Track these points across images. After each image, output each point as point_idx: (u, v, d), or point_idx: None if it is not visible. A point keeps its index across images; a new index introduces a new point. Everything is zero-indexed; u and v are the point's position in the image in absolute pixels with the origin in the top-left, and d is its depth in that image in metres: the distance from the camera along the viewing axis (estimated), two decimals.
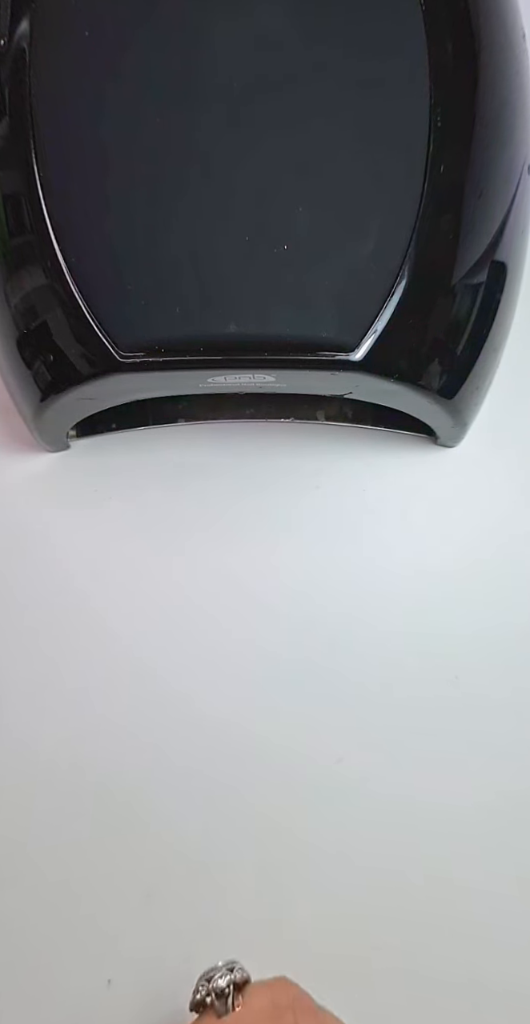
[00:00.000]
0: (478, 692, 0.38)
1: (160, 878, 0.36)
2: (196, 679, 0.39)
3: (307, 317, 0.32)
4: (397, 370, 0.33)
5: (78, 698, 0.39)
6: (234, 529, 0.41)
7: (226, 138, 0.33)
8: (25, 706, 0.39)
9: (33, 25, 0.33)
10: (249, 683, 0.39)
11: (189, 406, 0.41)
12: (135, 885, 0.36)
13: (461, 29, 0.34)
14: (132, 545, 0.41)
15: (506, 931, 0.35)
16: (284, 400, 0.41)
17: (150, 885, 0.36)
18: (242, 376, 0.34)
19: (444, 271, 0.34)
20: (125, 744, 0.38)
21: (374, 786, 0.37)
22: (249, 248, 0.32)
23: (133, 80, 0.33)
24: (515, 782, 0.37)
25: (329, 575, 0.40)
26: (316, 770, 0.37)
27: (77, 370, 0.34)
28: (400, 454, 0.41)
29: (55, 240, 0.33)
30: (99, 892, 0.36)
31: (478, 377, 0.36)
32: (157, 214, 0.32)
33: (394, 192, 0.33)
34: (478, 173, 0.34)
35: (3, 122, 0.34)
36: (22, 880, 0.37)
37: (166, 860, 0.36)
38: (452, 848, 0.36)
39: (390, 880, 0.36)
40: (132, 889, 0.36)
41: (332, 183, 0.33)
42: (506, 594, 0.39)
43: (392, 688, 0.38)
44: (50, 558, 0.41)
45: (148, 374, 0.33)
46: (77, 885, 0.36)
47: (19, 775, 0.38)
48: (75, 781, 0.38)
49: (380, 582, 0.40)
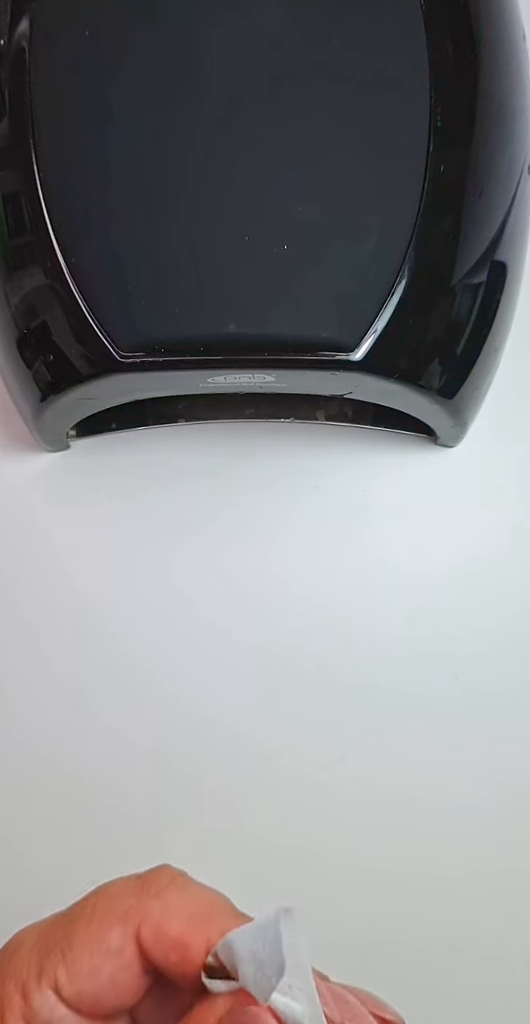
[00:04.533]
0: (478, 691, 0.38)
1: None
2: (196, 678, 0.39)
3: (307, 317, 0.32)
4: (397, 370, 0.33)
5: (78, 698, 0.39)
6: (234, 529, 0.41)
7: (226, 138, 0.33)
8: (25, 706, 0.39)
9: (33, 25, 0.33)
10: (249, 683, 0.39)
11: (189, 406, 0.41)
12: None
13: (461, 29, 0.34)
14: (132, 545, 0.41)
15: (507, 930, 0.35)
16: (284, 400, 0.41)
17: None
18: (242, 376, 0.34)
19: (444, 271, 0.34)
20: (125, 744, 0.38)
21: (374, 785, 0.37)
22: (249, 248, 0.32)
23: (133, 80, 0.33)
24: (515, 781, 0.37)
25: (329, 575, 0.40)
26: (316, 770, 0.37)
27: (77, 370, 0.34)
28: (400, 454, 0.41)
29: (55, 240, 0.33)
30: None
31: (478, 377, 0.36)
32: (157, 214, 0.32)
33: (394, 192, 0.33)
34: (478, 173, 0.34)
35: (3, 122, 0.34)
36: (21, 880, 0.37)
37: (164, 860, 0.36)
38: (452, 847, 0.36)
39: (390, 879, 0.36)
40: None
41: (332, 183, 0.33)
42: (506, 594, 0.39)
43: (392, 687, 0.38)
44: (50, 558, 0.41)
45: (148, 374, 0.33)
46: (75, 887, 0.36)
47: (18, 775, 0.38)
48: (75, 781, 0.38)
49: (380, 582, 0.40)
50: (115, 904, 0.23)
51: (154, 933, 0.22)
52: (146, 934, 0.22)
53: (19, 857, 0.37)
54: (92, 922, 0.23)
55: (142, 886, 0.23)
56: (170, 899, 0.23)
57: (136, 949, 0.22)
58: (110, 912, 0.23)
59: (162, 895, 0.23)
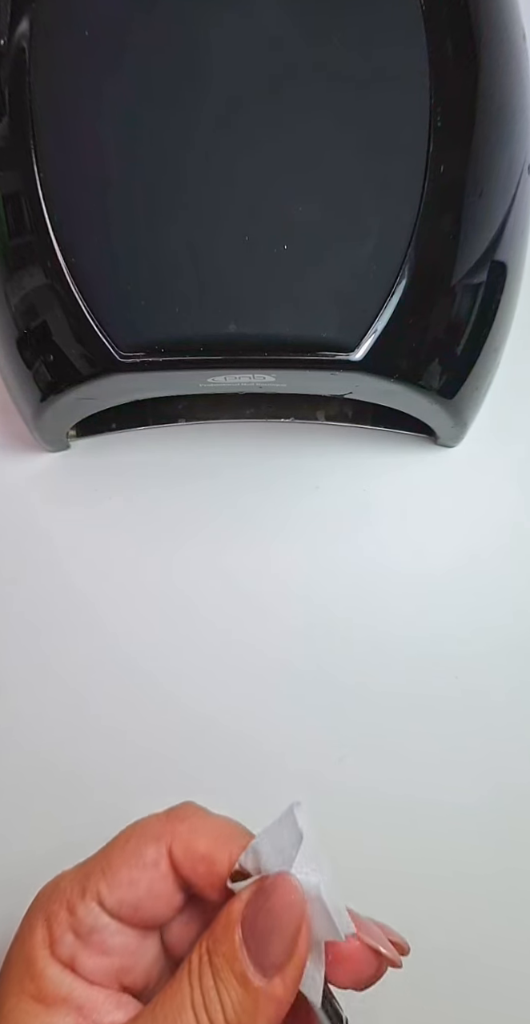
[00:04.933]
0: (478, 691, 0.38)
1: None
2: (196, 678, 0.39)
3: (307, 317, 0.32)
4: (397, 370, 0.33)
5: (78, 698, 0.39)
6: (234, 529, 0.41)
7: (226, 138, 0.33)
8: (24, 706, 0.39)
9: (33, 25, 0.33)
10: (250, 683, 0.39)
11: (189, 406, 0.41)
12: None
13: (461, 29, 0.34)
14: (132, 545, 0.41)
15: (508, 928, 0.36)
16: (284, 400, 0.41)
17: None
18: (242, 376, 0.34)
19: (444, 271, 0.34)
20: (124, 744, 0.38)
21: (375, 785, 0.37)
22: (249, 248, 0.32)
23: (133, 80, 0.33)
24: (515, 781, 0.37)
25: (329, 575, 0.40)
26: (317, 769, 0.37)
27: (77, 370, 0.34)
28: (400, 454, 0.41)
29: (55, 240, 0.33)
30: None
31: (478, 377, 0.36)
32: (157, 214, 0.32)
33: (394, 192, 0.33)
34: (478, 173, 0.34)
35: (3, 122, 0.34)
36: (18, 881, 0.37)
37: None
38: (453, 847, 0.36)
39: (391, 879, 0.36)
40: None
41: (332, 183, 0.33)
42: (506, 594, 0.39)
43: (392, 687, 0.38)
44: (50, 558, 0.41)
45: (148, 374, 0.33)
46: None
47: (18, 775, 0.38)
48: (74, 781, 0.38)
49: (380, 582, 0.40)
50: (148, 830, 0.26)
51: (184, 850, 0.25)
52: (177, 850, 0.25)
53: (14, 858, 0.37)
54: (128, 844, 0.26)
55: (170, 815, 0.26)
56: (196, 823, 0.26)
57: (169, 863, 0.25)
58: (144, 835, 0.26)
59: (189, 820, 0.26)
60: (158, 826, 0.26)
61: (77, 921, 0.25)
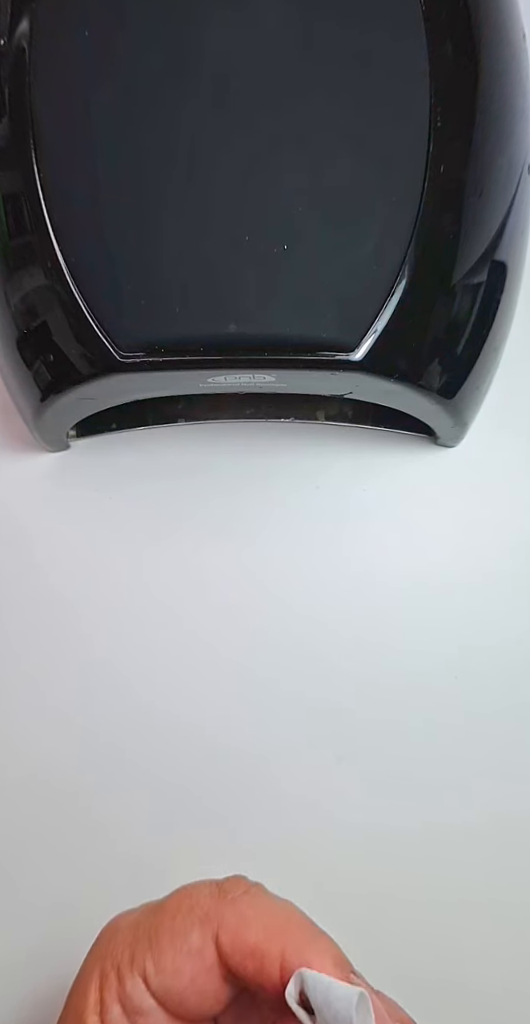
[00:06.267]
0: (478, 692, 0.38)
1: (157, 882, 0.36)
2: (196, 678, 0.39)
3: (307, 317, 0.32)
4: (397, 370, 0.33)
5: (77, 698, 0.39)
6: (234, 529, 0.41)
7: (226, 138, 0.33)
8: (23, 706, 0.39)
9: (33, 25, 0.33)
10: (250, 682, 0.39)
11: (189, 406, 0.41)
12: (131, 896, 0.36)
13: (461, 29, 0.34)
14: (132, 545, 0.41)
15: (506, 933, 0.35)
16: (284, 400, 0.41)
17: (146, 893, 0.36)
18: (242, 376, 0.34)
19: (444, 271, 0.34)
20: (124, 744, 0.38)
21: (374, 785, 0.37)
22: (249, 248, 0.32)
23: (133, 80, 0.33)
24: (515, 780, 0.37)
25: (329, 574, 0.40)
26: (316, 770, 0.37)
27: (77, 370, 0.34)
28: (400, 454, 0.41)
29: (55, 240, 0.33)
30: (93, 901, 0.36)
31: (478, 377, 0.36)
32: (157, 214, 0.32)
33: (394, 192, 0.33)
34: (478, 173, 0.34)
35: (3, 122, 0.34)
36: (16, 882, 0.37)
37: (164, 865, 0.36)
38: (452, 847, 0.36)
39: (391, 879, 0.36)
40: (128, 900, 0.36)
41: (332, 183, 0.33)
42: (506, 594, 0.39)
43: (392, 687, 0.38)
44: (50, 558, 0.41)
45: (148, 374, 0.33)
46: (70, 895, 0.36)
47: (16, 777, 0.38)
48: (74, 782, 0.38)
49: (380, 581, 0.40)
50: (195, 905, 0.24)
51: (232, 940, 0.23)
52: (224, 940, 0.23)
53: (9, 859, 0.37)
54: (176, 919, 0.24)
55: (219, 892, 0.25)
56: (245, 908, 0.24)
57: (215, 953, 0.24)
58: (191, 912, 0.24)
59: (238, 903, 0.24)
60: (206, 904, 0.24)
61: (125, 995, 0.24)
